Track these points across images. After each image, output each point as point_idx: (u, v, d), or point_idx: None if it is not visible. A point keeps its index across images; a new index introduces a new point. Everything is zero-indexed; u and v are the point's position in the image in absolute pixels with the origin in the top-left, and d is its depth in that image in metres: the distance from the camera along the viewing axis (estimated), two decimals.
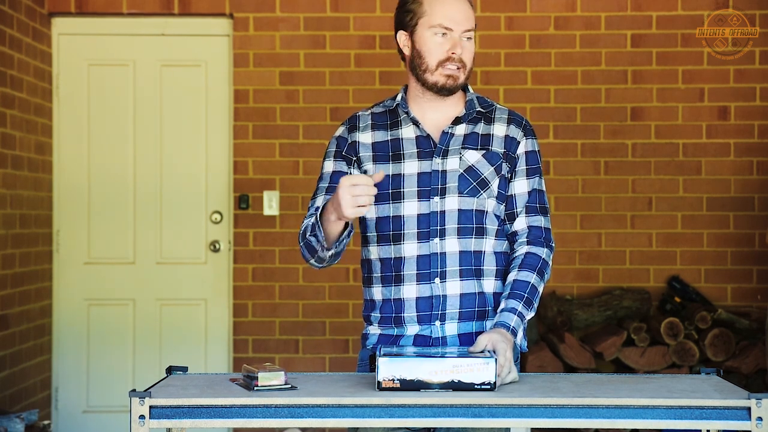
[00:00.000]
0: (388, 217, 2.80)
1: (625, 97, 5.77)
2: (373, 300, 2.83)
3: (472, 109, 2.84)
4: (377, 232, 2.81)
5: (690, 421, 2.34)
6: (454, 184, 2.77)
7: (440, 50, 2.76)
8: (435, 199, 2.77)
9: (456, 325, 2.76)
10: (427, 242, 2.76)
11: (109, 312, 5.86)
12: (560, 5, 5.78)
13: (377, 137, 2.84)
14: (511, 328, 2.68)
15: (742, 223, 5.75)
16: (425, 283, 2.75)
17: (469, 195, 2.77)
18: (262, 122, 5.80)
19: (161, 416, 2.35)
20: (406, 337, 2.77)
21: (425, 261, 2.76)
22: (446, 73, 2.77)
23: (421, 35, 2.78)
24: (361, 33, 5.78)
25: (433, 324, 2.75)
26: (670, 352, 5.43)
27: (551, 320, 5.62)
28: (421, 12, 2.77)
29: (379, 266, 2.81)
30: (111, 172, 5.86)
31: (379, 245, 2.81)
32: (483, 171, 2.79)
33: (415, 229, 2.77)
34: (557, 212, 5.75)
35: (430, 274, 2.75)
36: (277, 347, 5.78)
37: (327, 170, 2.88)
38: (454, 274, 2.76)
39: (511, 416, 2.36)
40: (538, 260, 2.80)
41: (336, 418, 2.36)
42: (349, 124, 2.89)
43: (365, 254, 2.87)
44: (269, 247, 5.80)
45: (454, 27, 2.76)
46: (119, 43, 5.89)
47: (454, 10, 2.77)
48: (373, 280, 2.83)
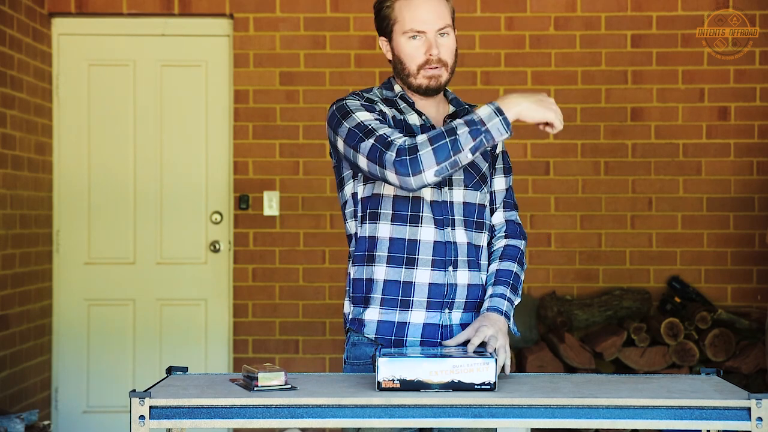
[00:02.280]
0: (407, 198, 2.76)
1: (625, 98, 5.78)
2: (371, 279, 2.77)
3: (460, 105, 2.88)
4: (393, 210, 2.76)
5: (690, 421, 2.34)
6: (460, 176, 2.80)
7: (418, 54, 2.77)
8: (445, 189, 2.79)
9: (460, 315, 2.79)
10: (442, 230, 2.77)
11: (109, 312, 5.86)
12: (560, 5, 5.78)
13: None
14: (504, 312, 2.75)
15: (742, 224, 5.75)
16: (440, 270, 2.76)
17: (474, 188, 2.82)
18: (262, 122, 5.80)
19: (161, 416, 2.35)
20: (414, 327, 2.75)
21: (441, 248, 2.76)
22: (428, 74, 2.78)
23: (398, 41, 2.79)
24: (361, 33, 5.78)
25: (442, 312, 2.77)
26: (670, 352, 5.43)
27: (551, 320, 5.62)
28: (394, 18, 2.78)
29: (387, 245, 2.76)
30: (111, 172, 5.86)
31: (393, 224, 2.76)
32: (482, 166, 2.85)
33: (432, 215, 2.77)
34: (557, 212, 5.76)
35: (446, 261, 2.77)
36: (277, 347, 5.78)
37: (367, 117, 2.70)
38: (464, 264, 2.79)
39: (511, 416, 2.36)
40: (517, 251, 2.88)
41: (336, 418, 2.36)
42: (360, 97, 2.79)
43: (367, 231, 2.78)
44: (269, 247, 5.80)
45: (426, 29, 2.75)
46: (119, 44, 5.89)
47: (424, 11, 2.75)
48: (376, 258, 2.76)
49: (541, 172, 5.76)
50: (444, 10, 2.78)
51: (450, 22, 2.79)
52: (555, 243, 5.79)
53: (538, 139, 5.73)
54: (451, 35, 2.79)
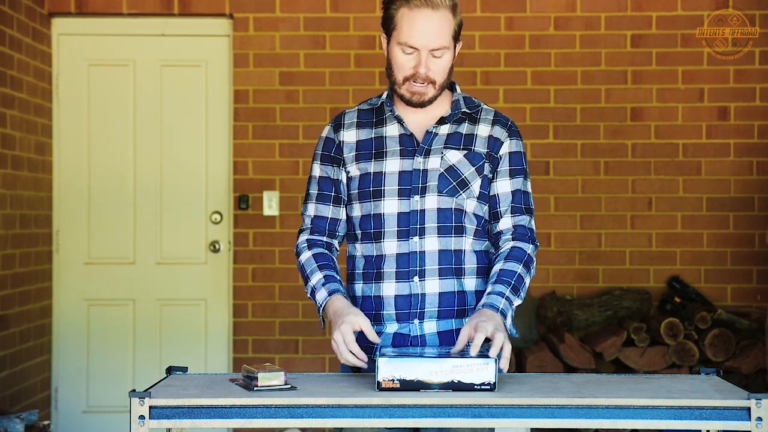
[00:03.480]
0: (369, 215, 2.81)
1: (625, 98, 5.78)
2: (355, 296, 2.84)
3: (457, 109, 2.83)
4: (360, 230, 2.83)
5: (690, 421, 2.34)
6: (434, 183, 2.77)
7: (406, 67, 2.75)
8: (415, 198, 2.77)
9: (435, 323, 2.76)
10: (406, 240, 2.77)
11: (109, 312, 5.86)
12: (560, 5, 5.78)
13: (361, 135, 2.85)
14: (500, 309, 2.66)
15: (741, 224, 5.75)
16: (404, 281, 2.76)
17: (448, 194, 2.77)
18: (262, 122, 5.80)
19: (161, 416, 2.35)
20: (385, 335, 2.77)
21: (404, 259, 2.76)
22: (411, 89, 2.76)
23: (392, 48, 2.77)
24: (361, 33, 5.78)
25: (411, 322, 2.76)
26: (670, 352, 5.43)
27: (551, 320, 5.62)
28: (395, 23, 2.74)
29: (363, 263, 2.82)
30: (111, 173, 5.86)
31: (362, 242, 2.82)
32: (463, 171, 2.79)
33: (395, 228, 2.77)
34: (557, 212, 5.75)
35: (409, 272, 2.76)
36: (277, 347, 5.78)
37: (315, 174, 2.94)
38: (433, 273, 2.76)
39: (511, 416, 2.36)
40: (523, 254, 2.79)
41: (336, 418, 2.36)
42: (334, 123, 2.91)
43: (350, 251, 2.88)
44: (269, 247, 5.80)
45: (420, 47, 2.71)
46: (119, 43, 5.89)
47: (422, 28, 2.70)
48: (355, 276, 2.84)
49: (541, 172, 5.76)
50: (444, 28, 2.72)
51: (446, 43, 2.73)
52: (555, 243, 5.79)
53: (538, 139, 5.73)
54: (445, 55, 2.74)
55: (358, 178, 2.83)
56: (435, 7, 2.70)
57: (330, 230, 2.88)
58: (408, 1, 2.72)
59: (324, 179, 2.90)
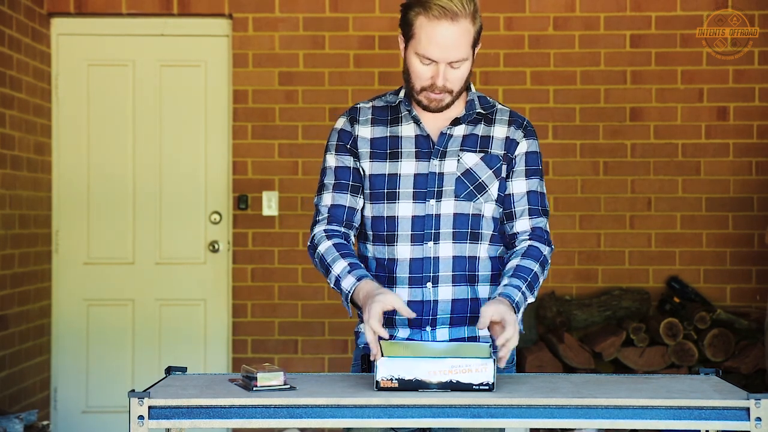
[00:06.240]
0: (383, 217, 2.75)
1: (625, 98, 5.78)
2: None
3: (472, 109, 2.77)
4: (373, 231, 2.78)
5: (689, 421, 2.34)
6: (451, 187, 2.72)
7: (424, 77, 2.67)
8: (431, 202, 2.72)
9: (447, 331, 2.73)
10: (420, 245, 2.72)
11: (108, 312, 5.86)
12: (559, 5, 5.78)
13: (376, 133, 2.79)
14: (515, 302, 2.63)
15: (741, 224, 5.75)
16: (417, 287, 2.72)
17: (466, 199, 2.73)
18: (262, 122, 5.80)
19: (160, 416, 2.35)
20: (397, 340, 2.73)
21: (418, 264, 2.72)
22: (429, 98, 2.69)
23: (409, 56, 2.68)
24: (360, 33, 5.78)
25: (424, 329, 2.72)
26: (670, 352, 5.43)
27: (551, 320, 5.62)
28: (414, 31, 2.65)
29: (375, 265, 2.77)
30: (110, 172, 5.86)
31: (375, 244, 2.77)
32: (481, 174, 2.74)
33: (409, 231, 2.73)
34: (557, 212, 5.75)
35: (423, 278, 2.72)
36: (276, 347, 5.78)
37: (330, 165, 2.81)
38: (447, 280, 2.72)
39: (510, 416, 2.36)
40: (540, 253, 2.76)
41: (335, 418, 2.36)
42: (349, 116, 2.83)
43: (362, 250, 2.83)
44: (268, 247, 5.80)
45: (438, 59, 2.64)
46: (119, 43, 5.89)
47: (441, 41, 2.61)
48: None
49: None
50: (464, 39, 2.63)
51: (465, 55, 2.65)
52: (554, 243, 5.77)
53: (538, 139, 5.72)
54: (464, 66, 2.67)
55: (372, 178, 2.77)
56: (454, 18, 2.61)
57: (347, 220, 2.79)
58: (427, 9, 2.61)
59: (341, 168, 2.80)
